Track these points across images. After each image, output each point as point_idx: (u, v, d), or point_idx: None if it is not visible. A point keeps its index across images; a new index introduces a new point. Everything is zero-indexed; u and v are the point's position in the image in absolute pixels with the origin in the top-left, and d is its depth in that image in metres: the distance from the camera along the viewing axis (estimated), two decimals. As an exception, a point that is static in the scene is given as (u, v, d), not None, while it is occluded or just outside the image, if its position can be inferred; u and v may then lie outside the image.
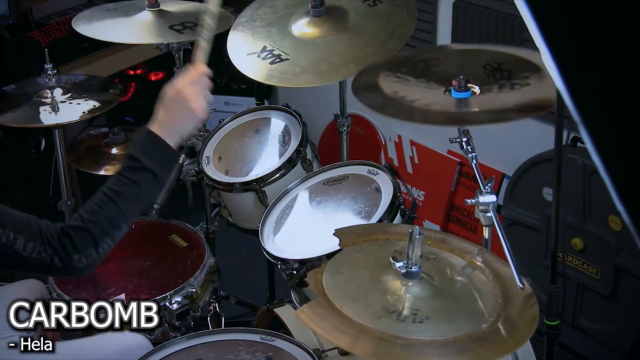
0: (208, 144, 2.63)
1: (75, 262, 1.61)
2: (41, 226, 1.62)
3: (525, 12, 0.75)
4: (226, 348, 1.95)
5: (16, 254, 1.57)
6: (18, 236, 1.57)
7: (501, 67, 2.03)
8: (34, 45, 3.42)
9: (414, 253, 1.61)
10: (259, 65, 2.35)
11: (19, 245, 1.57)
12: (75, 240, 1.60)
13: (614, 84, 0.74)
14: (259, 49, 2.40)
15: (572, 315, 2.96)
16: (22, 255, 1.58)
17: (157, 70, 4.00)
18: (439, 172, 3.44)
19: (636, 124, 0.75)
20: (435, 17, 3.27)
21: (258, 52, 2.39)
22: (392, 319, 1.55)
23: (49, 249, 1.59)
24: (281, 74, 2.30)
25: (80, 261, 1.62)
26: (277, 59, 2.35)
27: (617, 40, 0.73)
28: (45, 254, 1.59)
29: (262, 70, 2.34)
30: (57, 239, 1.60)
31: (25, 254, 1.58)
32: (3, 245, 1.56)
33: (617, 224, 2.71)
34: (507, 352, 1.56)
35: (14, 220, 1.60)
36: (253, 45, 2.43)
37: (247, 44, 2.44)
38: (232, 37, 2.48)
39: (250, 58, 2.39)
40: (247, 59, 2.39)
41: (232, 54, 2.42)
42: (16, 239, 1.57)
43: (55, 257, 1.60)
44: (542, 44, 0.75)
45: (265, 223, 2.29)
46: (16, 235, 1.57)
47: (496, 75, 2.01)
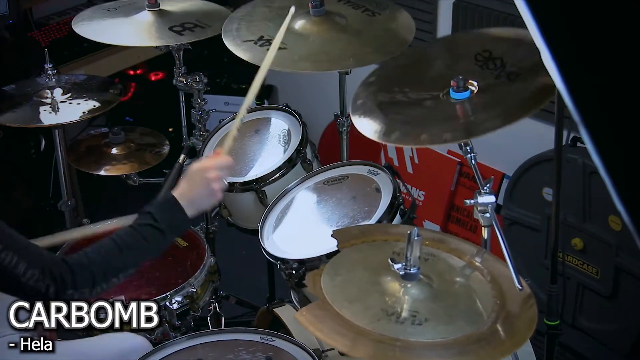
0: (208, 144, 2.63)
1: (67, 296, 1.64)
2: (43, 255, 1.65)
3: (525, 12, 0.75)
4: (226, 348, 1.95)
5: (15, 278, 1.59)
6: (20, 261, 1.59)
7: (492, 56, 2.01)
8: (34, 45, 3.41)
9: (412, 255, 1.60)
10: (255, 52, 2.34)
11: (20, 270, 1.59)
12: (76, 277, 1.63)
13: (614, 84, 0.74)
14: (255, 37, 2.39)
15: (572, 315, 2.95)
16: (20, 280, 1.59)
17: (157, 70, 3.99)
18: (439, 172, 3.44)
19: (636, 124, 0.75)
20: (435, 17, 3.27)
21: (255, 39, 2.38)
22: (391, 321, 1.55)
23: (47, 279, 1.61)
24: (279, 59, 2.29)
25: (71, 296, 1.65)
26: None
27: (617, 40, 0.73)
28: (42, 283, 1.61)
29: (258, 55, 2.31)
30: (58, 271, 1.62)
31: (24, 279, 1.59)
32: (4, 268, 1.58)
33: (617, 224, 2.71)
34: (507, 353, 1.56)
35: (18, 245, 1.62)
36: (249, 34, 2.41)
37: (242, 32, 2.43)
38: (227, 26, 2.47)
39: (246, 45, 2.37)
40: (242, 46, 2.37)
41: (226, 40, 2.40)
42: (18, 263, 1.59)
43: (51, 288, 1.62)
44: (542, 44, 0.75)
45: (265, 223, 2.29)
46: (19, 260, 1.59)
47: (489, 66, 1.99)
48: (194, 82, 2.74)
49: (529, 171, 2.98)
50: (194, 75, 2.76)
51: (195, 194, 1.77)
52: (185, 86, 2.77)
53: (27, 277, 1.59)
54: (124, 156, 2.78)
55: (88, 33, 2.64)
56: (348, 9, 2.49)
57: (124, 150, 2.79)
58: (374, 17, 2.46)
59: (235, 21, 2.49)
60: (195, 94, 2.77)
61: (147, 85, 4.00)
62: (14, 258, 1.58)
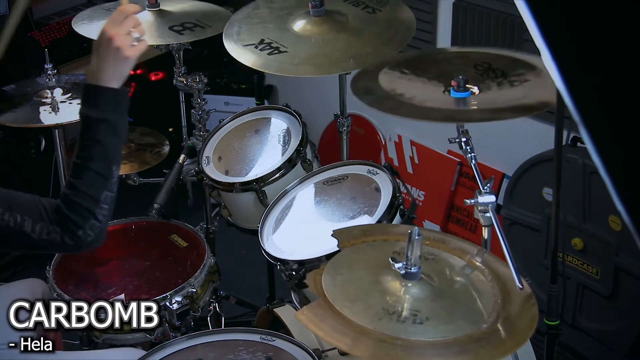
0: (208, 144, 2.63)
1: (82, 237, 1.60)
2: (45, 206, 1.62)
3: (525, 12, 0.75)
4: (226, 348, 1.95)
5: (26, 236, 1.57)
6: (25, 218, 1.57)
7: (492, 67, 2.02)
8: (34, 45, 3.42)
9: (413, 254, 1.60)
10: (256, 56, 2.34)
11: (27, 227, 1.57)
12: (71, 217, 1.60)
13: (614, 84, 0.74)
14: (256, 41, 2.40)
15: (572, 315, 2.95)
16: (32, 237, 1.57)
17: (157, 70, 3.99)
18: (439, 172, 3.44)
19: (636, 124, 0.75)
20: (435, 17, 3.27)
21: (255, 43, 2.39)
22: (391, 320, 1.55)
23: (57, 228, 1.59)
24: (279, 64, 2.29)
25: (86, 235, 1.61)
26: (276, 51, 2.34)
27: (617, 40, 0.73)
28: (54, 233, 1.59)
29: (260, 60, 2.32)
30: (62, 217, 1.60)
31: (35, 235, 1.58)
32: (11, 229, 1.56)
33: (617, 224, 2.71)
34: (507, 352, 1.56)
35: (19, 203, 1.60)
36: (250, 37, 2.42)
37: (243, 36, 2.43)
38: (228, 30, 2.47)
39: (247, 49, 2.38)
40: (243, 50, 2.38)
41: (227, 44, 2.41)
42: (23, 221, 1.57)
43: (65, 236, 1.59)
44: (542, 44, 0.75)
45: (265, 223, 2.29)
46: (23, 218, 1.57)
47: (490, 75, 2.01)
48: (194, 82, 2.75)
49: (529, 171, 2.98)
50: (194, 75, 2.76)
51: (105, 63, 1.65)
52: (185, 86, 2.77)
53: (37, 232, 1.58)
54: (124, 156, 2.78)
55: (88, 33, 2.64)
56: (348, 7, 2.49)
57: (124, 150, 2.79)
58: (375, 14, 2.45)
59: (235, 24, 2.49)
60: (195, 94, 2.78)
61: (147, 85, 3.99)
62: (17, 217, 1.57)
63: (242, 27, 2.48)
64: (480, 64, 2.03)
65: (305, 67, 2.31)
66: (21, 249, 1.62)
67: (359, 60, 2.26)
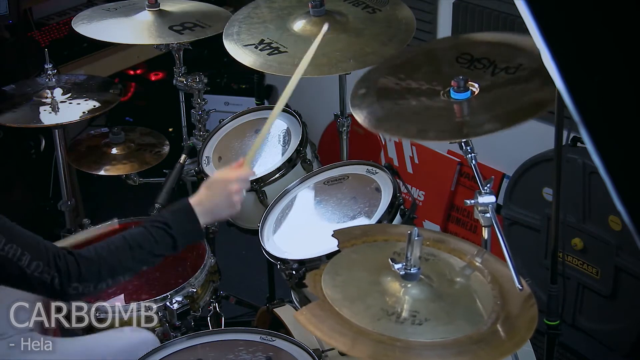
0: (208, 144, 2.63)
1: (72, 289, 1.64)
2: (47, 247, 1.65)
3: (525, 12, 0.75)
4: (226, 348, 1.95)
5: (20, 270, 1.60)
6: (25, 253, 1.60)
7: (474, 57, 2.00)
8: (34, 45, 3.41)
9: (412, 254, 1.60)
10: (255, 56, 2.35)
11: (24, 262, 1.60)
12: (82, 270, 1.64)
13: (614, 84, 0.74)
14: (256, 41, 2.40)
15: (572, 315, 2.95)
16: (25, 272, 1.60)
17: (157, 70, 3.99)
18: (439, 172, 3.44)
19: (636, 124, 0.75)
20: (435, 17, 3.27)
21: (255, 43, 2.39)
22: (391, 321, 1.55)
23: (52, 270, 1.62)
24: (279, 64, 2.30)
25: (76, 289, 1.65)
26: (275, 51, 2.34)
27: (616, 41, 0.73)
28: (47, 274, 1.62)
29: (259, 60, 2.33)
30: (64, 263, 1.63)
31: (29, 271, 1.60)
32: (9, 260, 1.59)
33: (617, 224, 2.71)
34: (507, 353, 1.55)
35: (22, 238, 1.63)
36: (250, 37, 2.42)
37: (243, 36, 2.44)
38: (228, 30, 2.47)
39: (246, 49, 2.38)
40: (243, 50, 2.38)
41: (227, 44, 2.41)
42: (22, 255, 1.60)
43: (56, 280, 1.62)
44: (542, 44, 0.75)
45: (265, 223, 2.29)
46: (23, 252, 1.60)
47: (477, 66, 1.98)
48: (194, 82, 2.75)
49: (529, 171, 2.98)
50: (194, 75, 2.76)
51: (214, 203, 1.78)
52: (185, 86, 2.77)
53: (32, 269, 1.60)
54: (124, 156, 2.78)
55: (88, 33, 2.64)
56: (348, 7, 2.49)
57: (124, 150, 2.79)
58: (374, 14, 2.45)
59: (235, 24, 2.49)
60: (195, 94, 2.78)
61: (147, 85, 4.00)
62: (18, 250, 1.59)
63: (242, 27, 2.48)
64: (460, 56, 2.01)
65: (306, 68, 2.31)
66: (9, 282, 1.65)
67: (359, 60, 2.26)
